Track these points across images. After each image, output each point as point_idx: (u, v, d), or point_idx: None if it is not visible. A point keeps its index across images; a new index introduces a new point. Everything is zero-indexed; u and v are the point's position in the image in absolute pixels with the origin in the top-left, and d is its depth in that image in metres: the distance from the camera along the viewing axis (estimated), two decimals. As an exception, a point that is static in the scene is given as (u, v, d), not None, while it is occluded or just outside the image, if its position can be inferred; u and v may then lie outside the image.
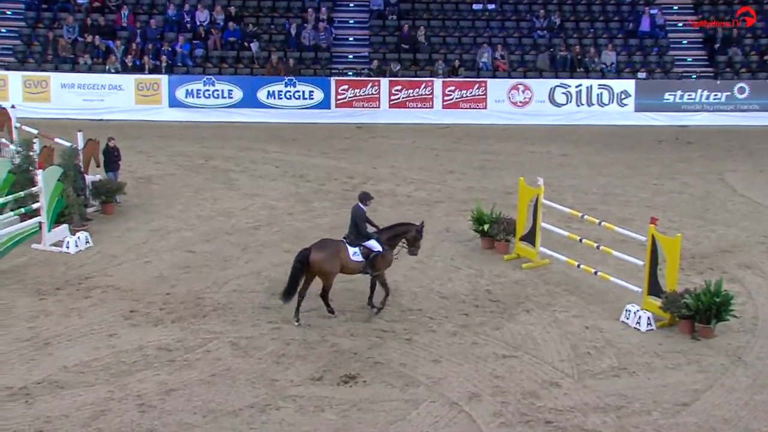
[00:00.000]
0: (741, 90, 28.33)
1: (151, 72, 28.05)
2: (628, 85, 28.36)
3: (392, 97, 28.17)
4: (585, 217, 16.70)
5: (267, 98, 28.08)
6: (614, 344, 13.74)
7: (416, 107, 28.24)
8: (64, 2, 30.13)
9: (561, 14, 30.66)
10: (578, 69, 28.93)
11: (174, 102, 27.88)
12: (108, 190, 19.08)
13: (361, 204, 14.51)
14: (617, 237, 16.45)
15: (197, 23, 29.62)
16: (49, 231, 17.04)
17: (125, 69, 28.11)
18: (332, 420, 11.63)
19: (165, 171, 22.41)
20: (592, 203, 20.26)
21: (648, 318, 14.24)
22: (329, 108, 28.12)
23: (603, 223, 16.27)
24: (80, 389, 12.18)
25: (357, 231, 14.38)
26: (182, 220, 18.82)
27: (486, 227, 17.26)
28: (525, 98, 28.32)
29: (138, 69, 28.15)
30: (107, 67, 28.06)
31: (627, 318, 14.43)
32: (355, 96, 28.15)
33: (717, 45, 29.72)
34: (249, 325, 14.10)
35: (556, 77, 28.69)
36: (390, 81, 28.21)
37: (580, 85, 28.30)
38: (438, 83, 28.19)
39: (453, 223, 18.66)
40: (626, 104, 28.33)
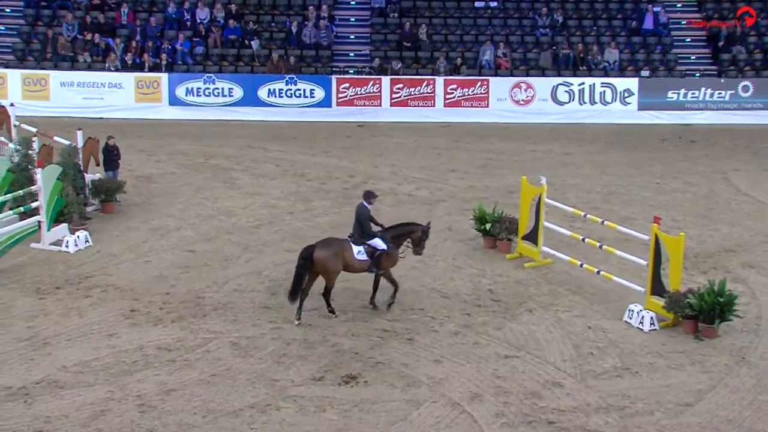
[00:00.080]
0: (745, 88, 28.25)
1: (151, 70, 28.01)
2: (631, 84, 28.29)
3: (394, 96, 28.10)
4: (588, 216, 16.67)
5: (268, 96, 28.02)
6: (617, 344, 13.69)
7: (418, 105, 28.17)
8: (64, 0, 30.06)
9: (564, 12, 30.58)
10: (581, 67, 28.86)
11: (174, 100, 27.82)
12: (108, 189, 19.06)
13: (366, 202, 14.45)
14: (620, 236, 16.41)
15: (197, 21, 29.57)
16: (49, 230, 17.00)
17: (125, 67, 28.06)
18: (333, 420, 11.59)
19: (165, 170, 22.36)
20: (595, 202, 20.21)
21: (651, 318, 14.19)
22: (330, 106, 28.07)
23: (606, 223, 16.24)
24: (80, 389, 12.13)
25: (361, 230, 14.31)
26: (182, 219, 18.77)
27: (488, 226, 17.23)
28: (527, 96, 28.23)
29: (138, 67, 28.11)
30: (107, 65, 28.01)
31: (630, 318, 14.38)
32: (357, 94, 28.08)
33: (721, 43, 29.65)
34: (249, 325, 14.05)
35: (559, 75, 28.63)
36: (391, 79, 28.15)
37: (583, 84, 28.23)
38: (440, 81, 28.12)
39: (455, 223, 18.61)
40: (629, 102, 28.26)
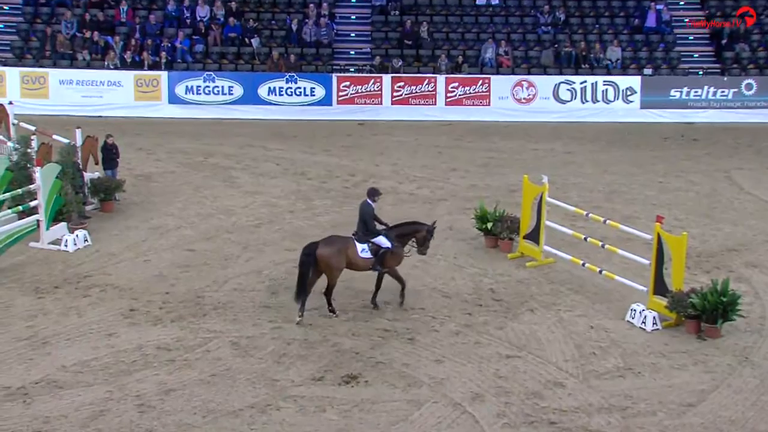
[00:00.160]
0: (748, 86, 28.19)
1: (151, 68, 27.96)
2: (634, 82, 28.23)
3: (394, 94, 28.04)
4: (590, 216, 16.64)
5: (268, 95, 27.96)
6: (619, 344, 13.65)
7: (419, 104, 28.11)
8: (63, -3, 30.07)
9: (565, 10, 30.51)
10: (583, 65, 28.78)
11: (174, 98, 27.76)
12: (107, 188, 19.03)
13: (369, 200, 14.38)
14: (622, 235, 16.37)
15: (197, 19, 29.51)
16: (48, 229, 16.95)
17: (124, 65, 28.02)
18: (334, 420, 11.55)
19: (164, 168, 22.32)
20: (597, 201, 20.17)
21: (654, 318, 14.13)
22: (331, 105, 28.01)
23: (608, 222, 16.22)
24: (79, 389, 12.09)
25: (365, 227, 14.26)
26: (182, 218, 18.73)
27: (489, 225, 17.19)
28: (529, 95, 28.16)
29: (137, 65, 28.05)
30: (106, 63, 27.95)
31: (632, 318, 14.32)
32: (357, 93, 28.01)
33: (724, 41, 29.57)
34: (249, 325, 14.01)
35: (561, 74, 28.57)
36: (392, 77, 28.09)
37: (585, 82, 28.16)
38: (441, 80, 28.06)
39: (456, 222, 18.56)
40: (632, 101, 28.19)
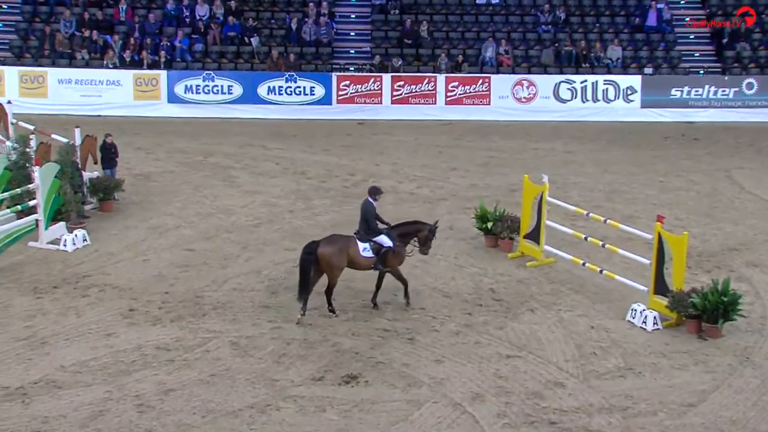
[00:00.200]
0: (749, 86, 28.16)
1: (150, 67, 27.94)
2: (634, 81, 28.20)
3: (394, 93, 28.01)
4: (590, 215, 16.62)
5: (267, 94, 27.93)
6: (620, 344, 13.62)
7: (419, 103, 28.07)
8: (62, -3, 30.04)
9: (566, 9, 30.49)
10: (583, 64, 28.75)
11: (173, 98, 27.73)
12: (106, 188, 19.01)
13: (371, 198, 14.34)
14: (623, 235, 16.34)
15: (196, 18, 29.48)
16: (46, 229, 16.92)
17: (123, 64, 27.99)
18: (333, 420, 11.52)
19: (164, 168, 22.30)
20: (598, 201, 20.14)
21: (654, 317, 14.10)
22: (330, 104, 27.98)
23: (608, 221, 16.20)
24: (78, 389, 12.07)
25: (367, 226, 14.23)
26: (181, 218, 18.70)
27: (490, 225, 17.17)
28: (529, 94, 28.12)
29: (136, 64, 28.02)
30: (105, 62, 27.93)
31: (633, 317, 14.29)
32: (357, 92, 27.98)
33: (725, 40, 29.54)
34: (249, 325, 13.98)
35: (561, 73, 28.53)
36: (392, 77, 28.06)
37: (586, 81, 28.13)
38: (441, 79, 28.03)
39: (456, 221, 18.54)
40: (632, 100, 28.16)
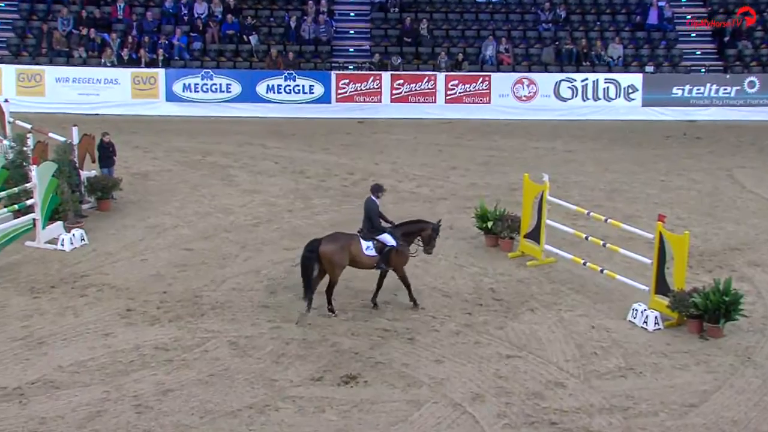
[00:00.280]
0: (751, 84, 28.11)
1: (148, 65, 27.88)
2: (636, 79, 28.14)
3: (394, 92, 27.95)
4: (591, 214, 16.60)
5: (266, 92, 27.87)
6: (621, 344, 13.59)
7: (418, 102, 28.02)
8: (59, -6, 29.95)
9: (566, 7, 30.44)
10: (584, 63, 28.69)
11: (171, 96, 27.67)
12: (103, 187, 18.98)
13: (374, 196, 14.27)
14: (624, 234, 16.32)
15: (195, 16, 29.43)
16: (44, 228, 16.88)
17: (121, 62, 27.93)
18: (333, 421, 11.49)
19: (162, 167, 22.27)
20: (598, 200, 20.12)
21: (655, 317, 14.07)
22: (330, 102, 27.93)
23: (609, 221, 16.19)
24: (75, 389, 12.03)
25: (370, 224, 14.17)
26: (179, 217, 18.67)
27: (490, 224, 17.14)
28: (530, 92, 28.06)
29: (134, 62, 27.97)
30: (103, 61, 27.87)
31: (634, 317, 14.26)
32: (356, 90, 27.92)
33: (726, 38, 29.49)
34: (248, 324, 13.95)
35: (562, 71, 28.48)
36: (392, 75, 28.00)
37: (586, 79, 28.08)
38: (441, 77, 27.97)
39: (456, 221, 18.51)
40: (633, 99, 28.10)
